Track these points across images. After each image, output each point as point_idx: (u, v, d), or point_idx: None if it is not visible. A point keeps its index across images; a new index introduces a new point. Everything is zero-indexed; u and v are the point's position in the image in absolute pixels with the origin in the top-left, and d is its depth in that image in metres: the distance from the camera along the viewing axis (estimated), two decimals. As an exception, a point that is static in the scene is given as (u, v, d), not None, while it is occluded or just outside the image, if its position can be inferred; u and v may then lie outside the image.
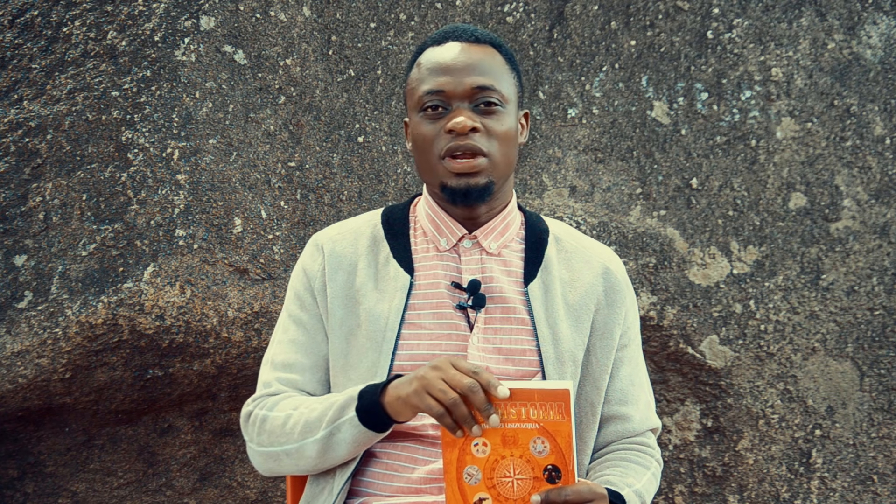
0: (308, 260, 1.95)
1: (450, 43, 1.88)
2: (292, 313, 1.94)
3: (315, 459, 1.81)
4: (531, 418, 1.60)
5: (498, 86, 1.85)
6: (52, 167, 2.64)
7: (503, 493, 1.62)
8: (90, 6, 2.69)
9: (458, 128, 1.82)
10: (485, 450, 1.62)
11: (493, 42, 1.90)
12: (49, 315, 2.57)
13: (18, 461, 2.84)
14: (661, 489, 3.04)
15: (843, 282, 3.05)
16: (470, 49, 1.87)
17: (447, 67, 1.85)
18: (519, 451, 1.61)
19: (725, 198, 3.01)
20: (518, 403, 1.60)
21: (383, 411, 1.73)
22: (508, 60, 1.91)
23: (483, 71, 1.85)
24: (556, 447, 1.60)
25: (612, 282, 1.95)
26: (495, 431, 1.61)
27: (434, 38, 1.91)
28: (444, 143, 1.84)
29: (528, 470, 1.62)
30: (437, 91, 1.84)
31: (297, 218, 2.74)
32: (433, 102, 1.85)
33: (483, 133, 1.84)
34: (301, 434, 1.81)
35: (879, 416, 3.08)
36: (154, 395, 2.75)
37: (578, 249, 1.97)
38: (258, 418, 1.87)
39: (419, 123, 1.87)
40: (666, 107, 3.02)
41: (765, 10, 3.06)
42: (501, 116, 1.85)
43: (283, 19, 2.76)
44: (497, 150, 1.85)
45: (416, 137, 1.88)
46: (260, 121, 2.71)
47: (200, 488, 2.92)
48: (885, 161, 3.08)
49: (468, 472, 1.62)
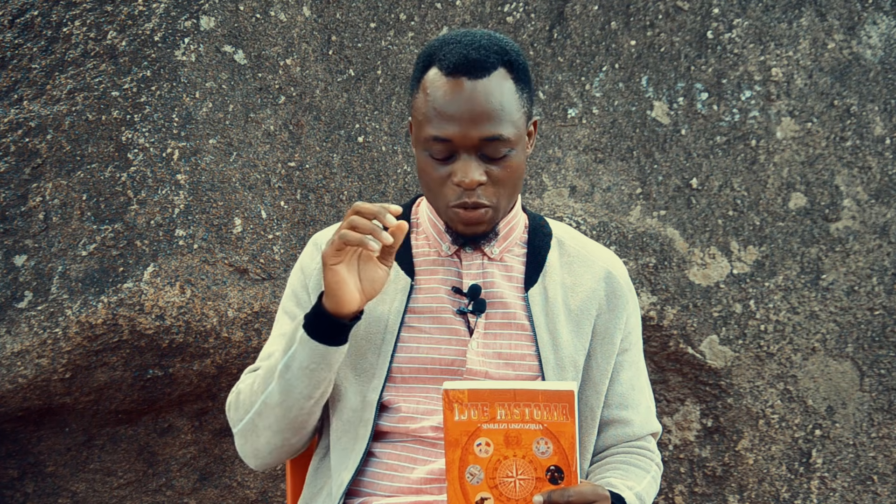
0: (307, 258, 1.96)
1: (458, 78, 1.79)
2: (287, 310, 1.95)
3: (280, 406, 1.80)
4: (535, 419, 1.60)
5: (507, 131, 1.80)
6: (52, 167, 2.64)
7: (505, 493, 1.62)
8: (90, 6, 2.69)
9: (465, 184, 1.80)
10: (487, 450, 1.62)
11: (503, 61, 1.82)
12: (49, 315, 2.57)
13: (18, 461, 2.84)
14: (662, 489, 3.04)
15: (843, 282, 3.05)
16: (479, 91, 1.79)
17: (453, 114, 1.79)
18: (522, 452, 1.61)
19: (725, 198, 3.01)
20: (522, 404, 1.60)
21: (325, 312, 1.74)
22: (518, 80, 1.84)
23: (492, 119, 1.79)
24: (560, 448, 1.60)
25: (614, 286, 1.94)
26: (498, 431, 1.61)
27: (443, 61, 1.82)
28: (453, 196, 1.82)
29: (530, 470, 1.62)
30: (444, 140, 1.80)
31: (297, 218, 2.74)
32: (440, 150, 1.81)
33: (488, 184, 1.82)
34: (263, 383, 1.82)
35: (879, 416, 3.08)
36: (154, 395, 2.75)
37: (581, 254, 1.97)
38: (233, 396, 1.90)
39: (425, 160, 1.84)
40: (666, 107, 3.02)
41: (765, 10, 3.06)
42: (510, 161, 1.82)
43: (283, 19, 2.76)
44: (502, 197, 1.84)
45: (421, 170, 1.85)
46: (260, 121, 2.71)
47: (200, 488, 2.92)
48: (885, 161, 3.08)
49: (470, 472, 1.62)
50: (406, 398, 1.84)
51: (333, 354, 1.77)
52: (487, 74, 1.80)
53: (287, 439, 1.86)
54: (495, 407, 1.62)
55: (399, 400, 1.85)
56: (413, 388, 1.85)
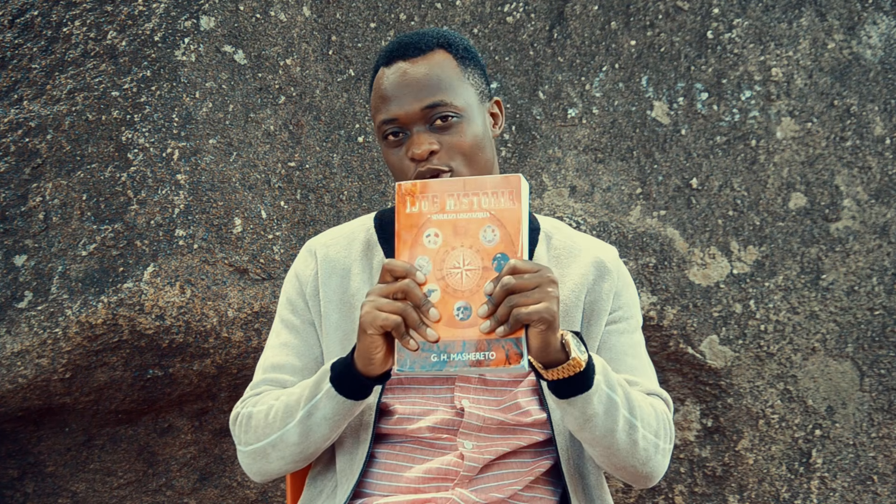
0: (301, 265, 1.96)
1: (396, 64, 1.85)
2: (284, 318, 1.94)
3: (298, 445, 1.80)
4: (482, 207, 1.59)
5: (450, 98, 1.83)
6: (52, 167, 2.64)
7: (452, 284, 1.60)
8: (90, 6, 2.69)
9: (417, 155, 1.81)
10: (436, 241, 1.61)
11: (441, 43, 1.87)
12: (49, 315, 2.57)
13: (18, 461, 2.84)
14: (662, 489, 3.04)
15: (843, 282, 3.05)
16: (415, 66, 1.84)
17: (394, 94, 1.83)
18: (469, 241, 1.60)
19: (725, 198, 3.01)
20: (471, 193, 1.60)
21: (355, 371, 1.71)
22: (462, 59, 1.88)
23: (431, 88, 1.83)
24: (506, 234, 1.59)
25: (601, 269, 1.93)
26: (447, 222, 1.60)
27: (382, 57, 1.89)
28: (409, 170, 1.84)
29: (477, 260, 1.60)
30: (391, 120, 1.84)
31: (297, 218, 2.74)
32: (391, 130, 1.85)
33: (443, 151, 1.83)
34: (282, 420, 1.80)
35: (879, 416, 3.08)
36: (154, 395, 2.75)
37: (568, 245, 1.96)
38: (243, 417, 1.87)
39: (385, 151, 1.87)
40: (666, 107, 3.02)
41: (765, 10, 3.06)
42: (460, 127, 1.83)
43: (283, 19, 2.76)
44: (461, 163, 1.84)
45: (387, 164, 1.89)
46: (260, 121, 2.71)
47: (200, 488, 2.92)
48: (885, 161, 3.08)
49: (419, 264, 1.61)
50: (402, 400, 1.85)
51: (358, 406, 1.77)
52: (422, 54, 1.85)
53: (297, 465, 1.87)
54: (445, 197, 1.61)
55: (395, 402, 1.85)
56: (409, 388, 1.85)
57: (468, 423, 1.81)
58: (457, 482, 1.79)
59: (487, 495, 1.78)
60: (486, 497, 1.78)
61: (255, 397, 1.89)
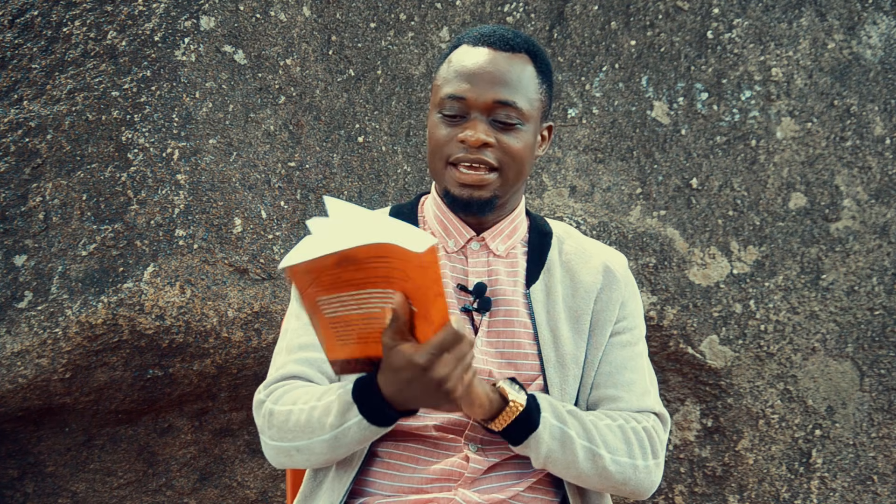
0: None
1: (482, 48, 1.85)
2: (299, 315, 1.93)
3: (325, 455, 1.79)
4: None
5: (520, 103, 1.83)
6: (52, 167, 2.64)
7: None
8: (90, 6, 2.69)
9: (471, 141, 1.81)
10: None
11: (529, 50, 1.87)
12: (49, 315, 2.57)
13: (18, 461, 2.83)
14: (662, 489, 3.04)
15: (843, 282, 3.05)
16: (500, 59, 1.84)
17: (472, 75, 1.83)
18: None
19: (725, 198, 3.01)
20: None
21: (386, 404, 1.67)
22: (541, 72, 1.88)
23: (508, 85, 1.83)
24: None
25: (610, 277, 1.94)
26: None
27: (471, 37, 1.88)
28: (455, 151, 1.83)
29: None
30: (458, 97, 1.83)
31: (297, 218, 2.74)
32: (452, 108, 1.84)
33: (496, 148, 1.83)
34: (307, 433, 1.78)
35: (879, 416, 3.08)
36: (154, 395, 2.75)
37: (580, 251, 1.97)
38: (267, 411, 1.84)
39: (436, 123, 1.86)
40: (666, 107, 3.02)
41: (765, 10, 3.06)
42: (518, 134, 1.84)
43: (283, 19, 2.76)
44: (509, 167, 1.84)
45: (430, 134, 1.88)
46: (260, 121, 2.71)
47: (200, 488, 2.92)
48: (885, 161, 3.08)
49: None
50: None
51: (386, 430, 1.75)
52: (511, 51, 1.85)
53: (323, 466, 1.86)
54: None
55: None
56: None
57: (475, 424, 1.80)
58: (460, 483, 1.79)
59: (489, 496, 1.78)
60: (488, 497, 1.78)
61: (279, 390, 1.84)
